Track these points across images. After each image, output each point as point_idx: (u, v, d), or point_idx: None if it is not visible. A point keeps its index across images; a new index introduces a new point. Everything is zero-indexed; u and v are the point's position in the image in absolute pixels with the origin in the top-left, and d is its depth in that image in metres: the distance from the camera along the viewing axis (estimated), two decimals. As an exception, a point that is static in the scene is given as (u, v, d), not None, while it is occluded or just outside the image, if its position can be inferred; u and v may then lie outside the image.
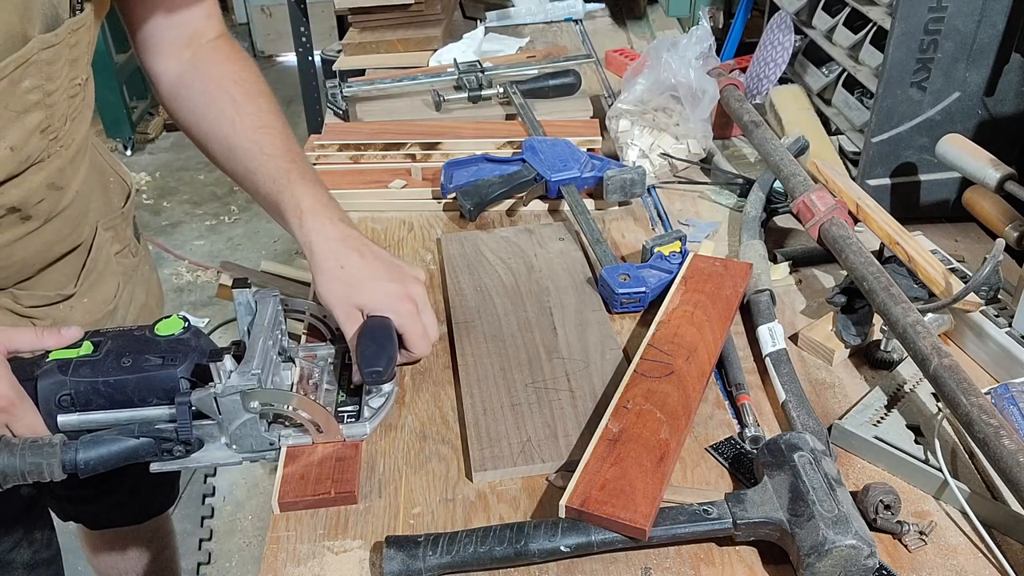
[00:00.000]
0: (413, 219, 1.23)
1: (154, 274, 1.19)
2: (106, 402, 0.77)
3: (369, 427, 0.83)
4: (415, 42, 1.77)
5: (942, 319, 0.92)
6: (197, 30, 1.00)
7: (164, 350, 0.79)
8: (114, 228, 1.05)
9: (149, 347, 0.79)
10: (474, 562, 0.69)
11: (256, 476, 2.39)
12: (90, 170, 0.99)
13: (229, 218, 3.70)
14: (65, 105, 0.86)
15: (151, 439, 0.76)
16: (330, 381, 0.90)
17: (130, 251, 1.10)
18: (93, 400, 0.77)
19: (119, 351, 0.79)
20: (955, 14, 1.05)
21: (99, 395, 0.77)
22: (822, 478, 0.71)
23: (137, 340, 0.80)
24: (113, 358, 0.78)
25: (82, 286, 0.99)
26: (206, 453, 0.79)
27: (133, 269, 1.10)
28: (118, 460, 0.76)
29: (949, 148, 1.06)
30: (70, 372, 0.77)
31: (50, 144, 0.86)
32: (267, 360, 0.81)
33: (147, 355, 0.78)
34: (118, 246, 1.06)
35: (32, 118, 0.82)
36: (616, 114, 1.36)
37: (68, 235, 0.95)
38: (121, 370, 0.77)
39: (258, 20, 5.30)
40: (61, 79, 0.83)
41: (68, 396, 0.77)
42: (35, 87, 0.80)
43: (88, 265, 1.00)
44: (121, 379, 0.77)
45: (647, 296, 1.00)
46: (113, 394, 0.77)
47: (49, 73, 0.81)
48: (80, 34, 0.84)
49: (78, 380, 0.77)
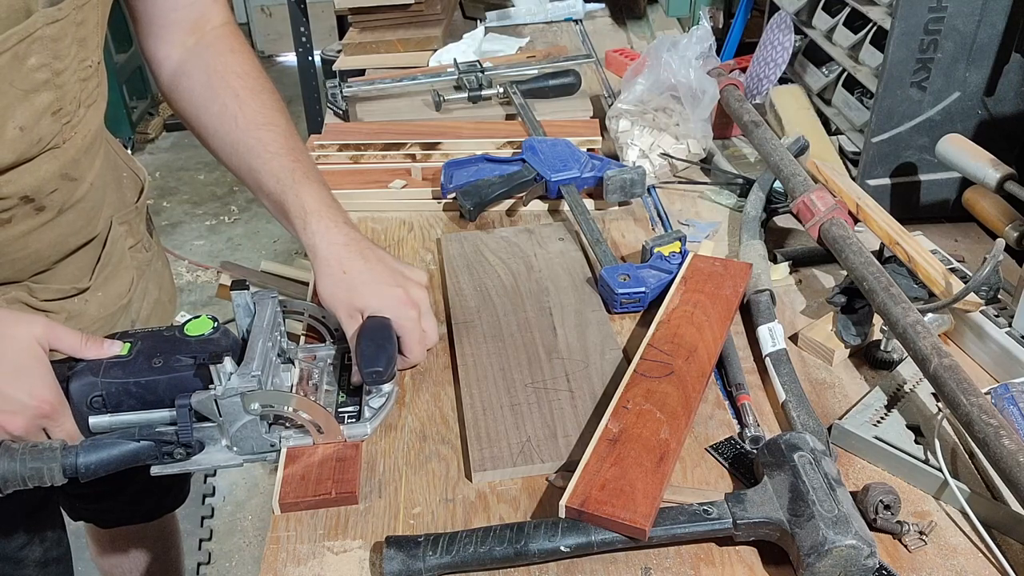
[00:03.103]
0: (413, 219, 1.23)
1: (167, 270, 1.18)
2: (137, 403, 0.77)
3: (370, 427, 0.83)
4: (415, 42, 1.77)
5: (942, 319, 0.92)
6: (203, 14, 0.99)
7: (195, 350, 0.79)
8: (128, 222, 1.04)
9: (180, 347, 0.79)
10: (474, 562, 0.69)
11: (256, 476, 2.39)
12: (104, 163, 0.98)
13: (229, 218, 3.70)
14: (77, 88, 0.85)
15: (152, 442, 0.76)
16: (330, 382, 0.90)
17: (143, 246, 1.09)
18: (124, 401, 0.77)
19: (150, 352, 0.79)
20: (955, 14, 1.05)
21: (130, 396, 0.77)
22: (822, 478, 0.71)
23: (167, 341, 0.80)
24: (144, 359, 0.78)
25: (97, 279, 0.98)
26: (207, 455, 0.79)
27: (147, 264, 1.09)
28: (119, 464, 0.76)
29: (949, 148, 1.06)
30: (101, 373, 0.77)
31: (64, 128, 0.85)
32: (267, 361, 0.81)
33: (178, 355, 0.78)
34: (132, 240, 1.06)
35: (42, 98, 0.81)
36: (616, 114, 1.37)
37: (83, 228, 0.94)
38: (152, 371, 0.77)
39: (258, 20, 5.30)
40: (70, 59, 0.82)
41: (100, 397, 0.77)
42: (42, 65, 0.79)
43: (103, 259, 0.99)
44: (153, 380, 0.77)
45: (647, 296, 1.00)
46: (144, 395, 0.77)
47: (56, 51, 0.80)
48: (86, 11, 0.83)
49: (110, 381, 0.76)
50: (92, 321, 0.98)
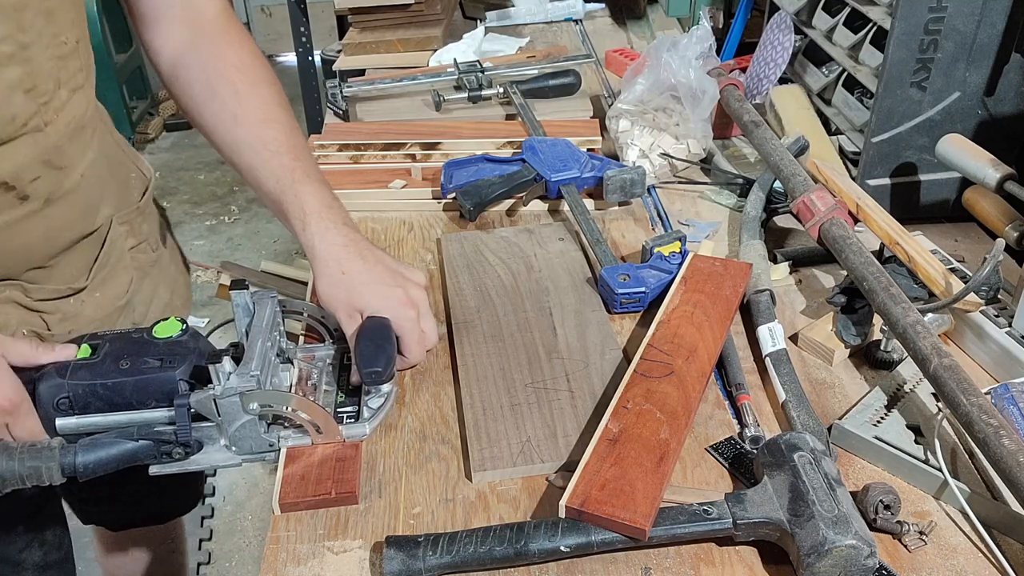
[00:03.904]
0: (413, 219, 1.23)
1: (183, 274, 1.17)
2: (104, 405, 0.77)
3: (369, 428, 0.83)
4: (415, 42, 1.77)
5: (942, 319, 0.92)
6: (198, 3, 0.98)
7: (162, 352, 0.78)
8: (129, 222, 1.03)
9: (147, 349, 0.79)
10: (474, 562, 0.69)
11: (256, 476, 2.40)
12: (100, 158, 0.96)
13: (229, 218, 3.70)
14: (52, 66, 0.84)
15: (150, 442, 0.76)
16: (329, 382, 0.90)
17: (149, 246, 1.07)
18: (92, 403, 0.77)
19: (117, 354, 0.78)
20: (955, 14, 1.05)
21: (97, 398, 0.77)
22: (822, 478, 0.71)
23: (135, 343, 0.80)
24: (111, 361, 0.78)
25: (94, 280, 0.98)
26: (205, 455, 0.79)
27: (151, 265, 1.08)
28: (117, 463, 0.76)
29: (949, 148, 1.06)
30: (68, 375, 0.77)
31: (42, 110, 0.83)
32: (266, 361, 0.81)
33: (145, 358, 0.78)
34: (133, 240, 1.04)
35: (9, 73, 0.79)
36: (616, 114, 1.37)
37: (76, 222, 0.93)
38: (119, 373, 0.77)
39: (258, 20, 5.30)
40: (36, 32, 0.81)
41: (67, 399, 0.76)
42: (6, 36, 0.78)
43: (101, 259, 0.98)
44: (119, 382, 0.77)
45: (647, 296, 1.00)
46: (111, 397, 0.77)
47: (19, 23, 0.79)
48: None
49: (76, 383, 0.76)
50: (88, 322, 0.97)
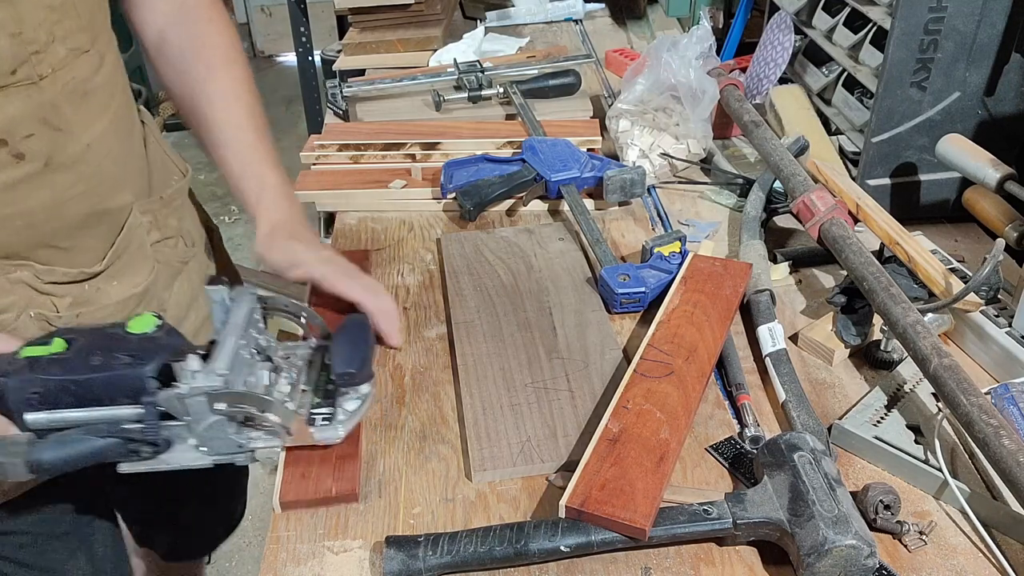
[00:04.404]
0: (413, 219, 1.23)
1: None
2: (75, 401, 0.75)
3: (343, 430, 0.80)
4: (415, 42, 1.77)
5: (942, 319, 0.92)
6: None
7: (134, 348, 0.76)
8: (153, 213, 1.01)
9: (119, 345, 0.77)
10: (474, 562, 0.69)
11: (256, 476, 2.38)
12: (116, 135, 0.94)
13: (229, 218, 3.70)
14: (40, 15, 0.82)
15: (119, 439, 0.75)
16: (307, 382, 0.87)
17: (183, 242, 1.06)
18: (62, 399, 0.75)
19: (89, 349, 0.76)
20: (955, 14, 1.05)
21: (68, 394, 0.75)
22: (822, 478, 0.71)
23: (109, 338, 0.78)
24: (83, 356, 0.76)
25: (111, 267, 0.95)
26: (174, 455, 0.77)
27: (181, 261, 1.06)
28: (84, 460, 0.74)
29: (949, 148, 1.06)
30: (39, 370, 0.75)
31: (32, 59, 0.81)
32: (238, 360, 0.78)
33: (116, 353, 0.76)
34: (158, 234, 1.02)
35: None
36: (616, 114, 1.37)
37: (83, 195, 0.90)
38: (90, 369, 0.75)
39: (258, 20, 5.30)
40: None
41: (37, 394, 0.75)
42: None
43: (118, 245, 0.96)
44: (90, 378, 0.75)
45: (647, 296, 1.00)
46: (82, 393, 0.75)
47: None
48: None
49: (47, 378, 0.74)
50: (101, 308, 0.95)
